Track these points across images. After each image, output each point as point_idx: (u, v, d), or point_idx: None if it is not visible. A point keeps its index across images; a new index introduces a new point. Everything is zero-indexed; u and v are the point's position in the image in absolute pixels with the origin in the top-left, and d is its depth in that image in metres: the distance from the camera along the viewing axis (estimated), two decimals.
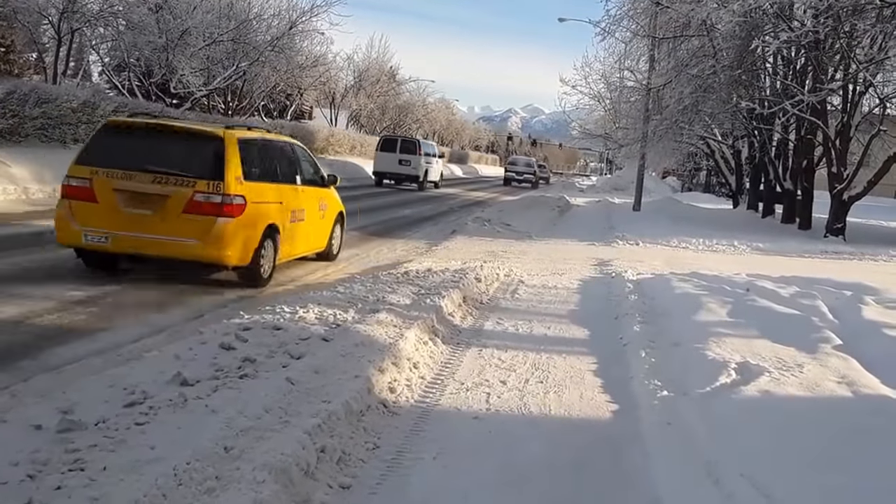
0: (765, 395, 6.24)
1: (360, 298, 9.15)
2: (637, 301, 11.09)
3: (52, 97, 22.54)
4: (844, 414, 5.93)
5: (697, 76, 24.69)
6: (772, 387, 6.40)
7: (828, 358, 7.42)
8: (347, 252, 15.59)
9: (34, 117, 21.74)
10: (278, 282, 11.90)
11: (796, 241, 22.51)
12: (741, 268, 15.65)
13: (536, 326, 9.64)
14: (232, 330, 7.12)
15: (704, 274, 13.12)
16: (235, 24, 35.45)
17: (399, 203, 30.37)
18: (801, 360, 7.30)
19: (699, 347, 7.80)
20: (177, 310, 9.33)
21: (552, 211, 29.10)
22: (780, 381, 6.54)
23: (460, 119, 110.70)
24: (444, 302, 9.51)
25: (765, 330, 8.53)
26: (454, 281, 10.92)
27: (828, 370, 6.99)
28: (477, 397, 6.66)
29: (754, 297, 10.50)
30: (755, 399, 6.17)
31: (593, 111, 43.53)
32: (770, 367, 6.96)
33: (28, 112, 21.52)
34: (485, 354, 8.06)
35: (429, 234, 20.06)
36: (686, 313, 9.66)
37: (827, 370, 6.99)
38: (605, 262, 16.09)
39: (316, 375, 6.09)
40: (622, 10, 28.04)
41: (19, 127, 21.36)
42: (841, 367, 7.08)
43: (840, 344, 8.00)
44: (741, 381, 6.60)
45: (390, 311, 8.45)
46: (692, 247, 20.18)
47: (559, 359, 8.13)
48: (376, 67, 63.04)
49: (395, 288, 10.02)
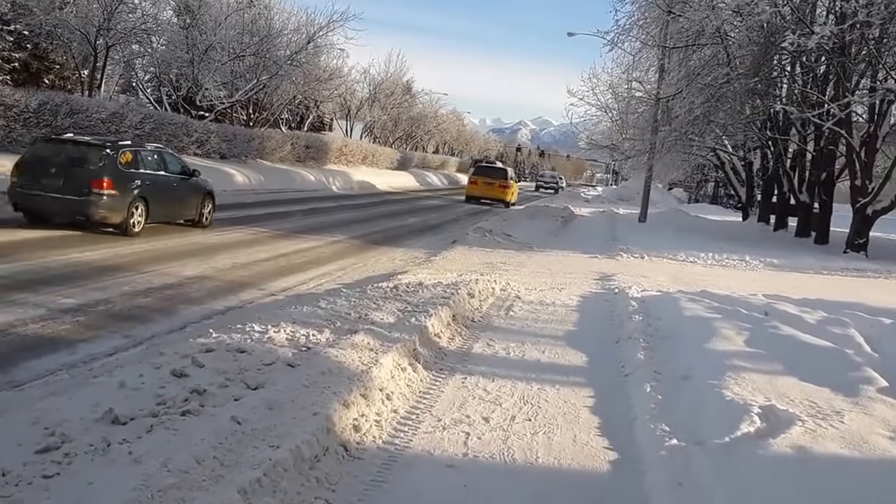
0: (799, 452, 5.23)
1: (341, 316, 8.20)
2: (641, 322, 10.07)
3: (83, 108, 23.84)
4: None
5: (710, 85, 23.58)
6: (807, 441, 5.39)
7: (872, 404, 6.38)
8: (344, 261, 15.01)
9: (66, 127, 22.04)
10: (269, 291, 11.34)
11: (813, 257, 21.27)
12: (755, 286, 14.66)
13: (530, 350, 8.65)
14: (192, 352, 6.20)
15: (716, 293, 12.09)
16: (257, 39, 35.33)
17: (404, 212, 29.55)
18: (839, 405, 6.29)
19: (714, 384, 6.79)
20: (162, 320, 8.89)
21: (555, 221, 28.07)
22: (816, 434, 5.53)
23: (471, 130, 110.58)
24: (431, 321, 8.54)
25: (791, 365, 7.49)
26: (445, 297, 9.96)
27: (874, 420, 5.98)
28: (454, 438, 5.68)
29: (775, 323, 9.43)
30: (786, 457, 5.16)
31: (600, 122, 42.67)
32: (802, 413, 5.96)
33: (60, 122, 22.30)
34: (469, 383, 7.09)
35: (429, 244, 19.21)
36: (697, 340, 8.63)
37: (873, 420, 5.97)
38: (607, 277, 15.10)
39: (269, 412, 5.17)
40: (632, 20, 27.01)
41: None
42: (891, 417, 6.06)
43: (886, 386, 6.89)
44: (768, 432, 5.58)
45: (369, 331, 7.49)
46: (700, 261, 19.11)
47: (552, 390, 7.14)
48: (393, 81, 62.76)
49: (380, 304, 9.07)
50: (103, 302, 9.21)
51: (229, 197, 25.77)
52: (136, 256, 12.59)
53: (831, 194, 25.92)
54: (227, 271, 12.36)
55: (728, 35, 23.95)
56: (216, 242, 15.29)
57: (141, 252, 13.06)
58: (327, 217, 23.47)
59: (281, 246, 15.90)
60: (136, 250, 13.17)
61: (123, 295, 9.71)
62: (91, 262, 11.57)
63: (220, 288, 11.04)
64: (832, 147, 25.01)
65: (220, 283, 11.43)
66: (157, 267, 11.83)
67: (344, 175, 42.79)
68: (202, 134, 31.14)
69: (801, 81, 25.04)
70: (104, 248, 12.85)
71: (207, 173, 27.78)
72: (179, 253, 13.49)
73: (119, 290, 9.94)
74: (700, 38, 24.40)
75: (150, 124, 26.09)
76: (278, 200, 27.31)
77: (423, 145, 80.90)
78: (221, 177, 28.56)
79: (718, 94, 23.89)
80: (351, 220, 23.20)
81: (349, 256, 15.67)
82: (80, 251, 12.38)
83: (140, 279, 10.78)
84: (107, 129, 23.52)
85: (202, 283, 11.22)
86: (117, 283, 10.35)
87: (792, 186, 28.18)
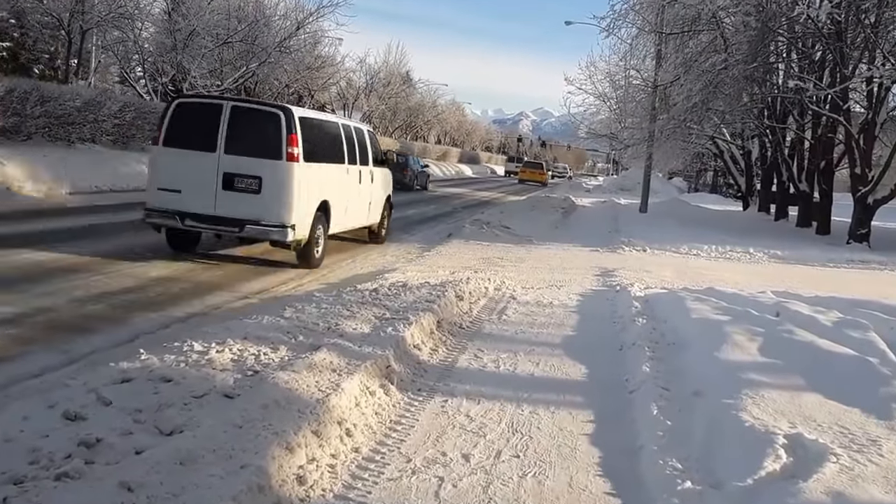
0: (836, 500, 4.12)
1: (306, 327, 7.04)
2: (646, 326, 8.93)
3: (55, 96, 21.67)
4: None
5: (708, 71, 22.41)
6: (844, 483, 4.29)
7: None
8: (333, 258, 13.80)
9: (36, 116, 20.65)
10: (245, 292, 10.27)
11: (817, 248, 20.10)
12: (762, 281, 13.56)
13: (523, 361, 7.50)
14: (104, 382, 5.01)
15: (723, 291, 10.93)
16: (244, 25, 33.86)
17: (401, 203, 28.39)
18: (875, 431, 5.19)
19: (730, 404, 5.68)
20: (111, 330, 7.74)
21: (556, 213, 26.87)
22: (853, 474, 4.41)
23: (471, 121, 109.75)
24: (411, 330, 7.40)
25: (812, 378, 6.37)
26: (430, 300, 8.79)
27: None
28: (424, 487, 4.52)
29: (789, 325, 8.25)
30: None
31: (599, 111, 41.56)
32: (834, 444, 4.85)
33: (29, 111, 20.42)
34: (450, 408, 5.95)
35: (425, 237, 18.16)
36: (707, 347, 7.49)
37: None
38: (609, 272, 13.96)
39: (179, 469, 3.92)
40: (627, 5, 25.80)
41: (21, 125, 20.21)
42: None
43: None
44: (796, 470, 4.49)
45: (335, 347, 6.33)
46: (704, 254, 17.95)
47: (546, 414, 6.01)
48: (390, 71, 61.58)
49: (355, 311, 7.92)
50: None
51: None
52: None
53: (831, 183, 24.83)
54: (197, 271, 11.25)
55: (723, 21, 22.82)
56: None
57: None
58: None
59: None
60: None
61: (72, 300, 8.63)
62: None
63: (185, 291, 9.92)
64: (830, 135, 23.92)
65: (188, 284, 10.33)
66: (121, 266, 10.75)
67: None
68: None
69: (798, 67, 23.90)
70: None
71: None
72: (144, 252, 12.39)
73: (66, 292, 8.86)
74: (696, 23, 23.31)
75: (131, 113, 24.55)
76: None
77: (423, 135, 79.81)
78: None
79: (717, 81, 22.71)
80: None
81: (338, 252, 14.56)
82: None
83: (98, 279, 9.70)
84: (83, 119, 22.13)
85: (165, 284, 10.11)
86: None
87: (791, 175, 27.04)
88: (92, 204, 17.31)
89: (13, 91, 19.51)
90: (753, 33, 20.91)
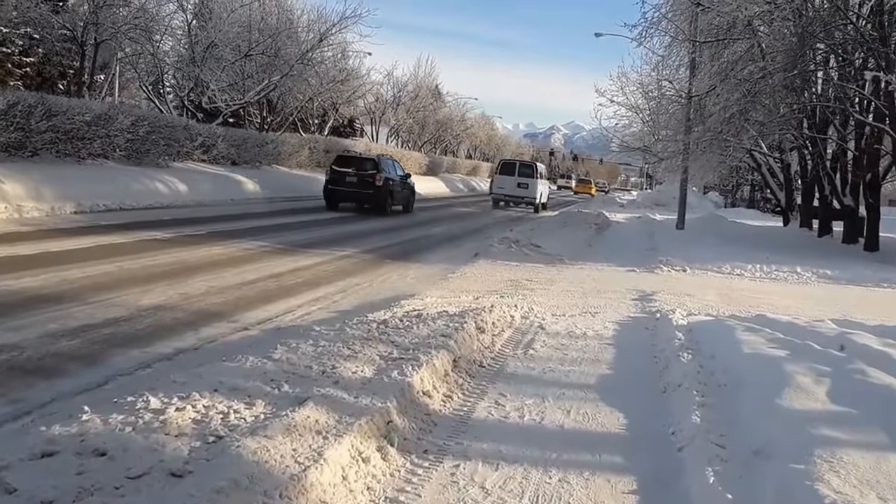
0: None
1: (296, 372, 5.99)
2: (692, 362, 7.82)
3: (63, 110, 20.40)
4: None
5: (745, 80, 21.22)
6: None
7: None
8: (348, 280, 12.88)
9: (42, 131, 19.52)
10: (246, 322, 9.31)
11: (867, 267, 18.65)
12: (815, 305, 12.42)
13: (551, 409, 6.42)
14: (19, 457, 3.99)
15: (776, 320, 9.77)
16: (265, 37, 33.08)
17: (428, 220, 27.51)
18: None
19: (801, 470, 4.59)
20: (82, 371, 6.81)
21: (589, 229, 25.69)
22: None
23: (501, 135, 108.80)
24: (421, 373, 6.34)
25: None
26: (446, 334, 7.72)
27: None
28: None
29: (859, 364, 7.10)
30: None
31: (631, 124, 40.50)
32: None
33: (35, 126, 19.28)
34: (461, 476, 4.89)
35: (450, 258, 17.12)
36: (765, 391, 6.39)
37: None
38: (647, 296, 12.85)
39: None
40: (659, 13, 24.61)
41: (26, 141, 19.15)
42: None
43: None
44: None
45: (325, 400, 5.27)
46: (748, 274, 16.72)
47: (578, 483, 4.93)
48: (423, 86, 60.79)
49: (357, 349, 6.87)
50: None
51: (235, 207, 23.84)
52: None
53: (878, 197, 23.46)
54: (195, 298, 10.30)
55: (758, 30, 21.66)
56: (195, 261, 13.24)
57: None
58: (341, 227, 21.40)
59: (278, 263, 13.86)
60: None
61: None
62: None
63: (178, 322, 8.96)
64: (877, 146, 22.63)
65: (182, 313, 9.38)
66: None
67: None
68: (207, 138, 28.64)
69: (838, 75, 22.63)
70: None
71: (211, 180, 26.01)
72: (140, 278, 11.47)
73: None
74: (732, 31, 22.16)
75: (145, 127, 23.60)
76: (291, 210, 25.19)
77: (453, 149, 78.92)
78: (227, 184, 26.50)
79: (755, 90, 21.53)
80: (368, 231, 21.13)
81: (355, 275, 13.61)
82: None
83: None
84: (93, 134, 21.23)
85: (157, 314, 9.17)
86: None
87: (834, 189, 25.73)
88: (96, 223, 16.44)
89: (16, 105, 18.51)
90: (794, 39, 19.73)
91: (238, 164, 30.91)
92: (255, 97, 34.69)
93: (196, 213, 20.56)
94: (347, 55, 42.29)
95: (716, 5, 20.61)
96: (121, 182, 20.64)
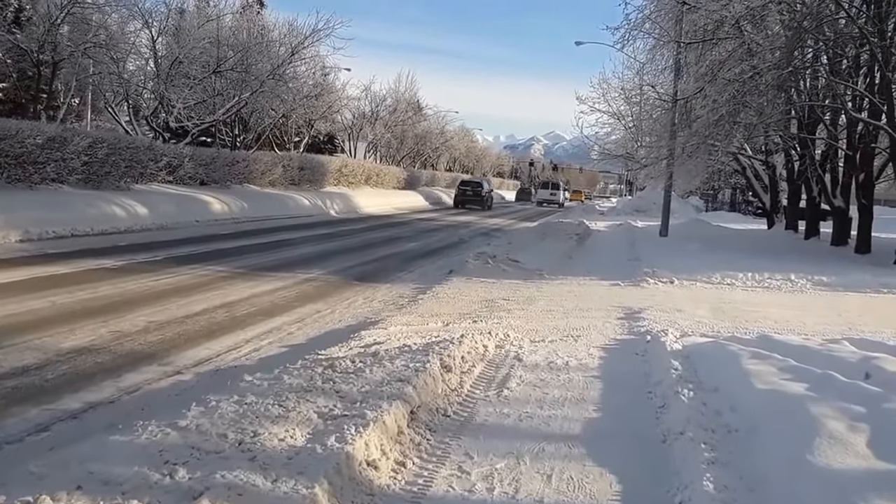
0: None
1: (204, 445, 4.64)
2: (693, 400, 6.53)
3: (12, 133, 18.89)
4: None
5: (735, 80, 20.00)
6: None
7: None
8: (308, 307, 11.71)
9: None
10: (183, 363, 8.16)
11: (863, 271, 17.33)
12: (817, 318, 11.28)
13: (527, 474, 5.12)
14: None
15: (784, 342, 8.49)
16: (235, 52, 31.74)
17: (404, 236, 26.24)
18: None
19: None
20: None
21: (569, 240, 24.43)
22: None
23: (481, 147, 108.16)
24: (367, 436, 5.03)
25: None
26: (404, 378, 6.41)
27: None
28: None
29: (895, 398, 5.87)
30: None
31: (613, 131, 39.40)
32: None
33: None
34: None
35: (423, 275, 15.99)
36: (790, 443, 5.14)
37: None
38: (634, 314, 11.58)
39: None
40: (643, 14, 23.39)
41: None
42: None
43: None
44: None
45: (228, 490, 3.96)
46: (739, 283, 15.45)
47: None
48: (402, 100, 59.76)
49: (291, 405, 5.54)
50: None
51: (199, 229, 22.44)
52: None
53: (871, 197, 22.25)
54: (130, 337, 8.97)
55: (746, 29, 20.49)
56: (140, 292, 11.91)
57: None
58: (311, 247, 20.08)
59: (234, 290, 12.58)
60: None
61: None
62: None
63: (100, 366, 7.67)
64: (873, 145, 21.50)
65: (109, 356, 8.07)
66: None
67: (344, 197, 39.31)
68: (173, 158, 27.21)
69: (829, 71, 21.45)
70: None
71: (176, 201, 24.58)
72: (71, 314, 10.13)
73: None
74: (718, 31, 20.97)
75: (104, 150, 22.11)
76: (260, 230, 23.81)
77: (432, 163, 77.78)
78: (193, 205, 25.07)
79: (745, 90, 20.33)
80: (338, 250, 19.86)
81: (316, 300, 12.35)
82: None
83: None
84: (46, 157, 19.78)
85: (77, 359, 7.84)
86: None
87: (825, 189, 24.56)
88: (41, 252, 15.10)
89: None
90: (790, 33, 18.55)
91: (207, 183, 29.51)
92: (225, 115, 33.30)
93: (155, 238, 19.16)
94: (325, 70, 41.14)
95: (703, 3, 19.43)
96: (75, 207, 19.24)
